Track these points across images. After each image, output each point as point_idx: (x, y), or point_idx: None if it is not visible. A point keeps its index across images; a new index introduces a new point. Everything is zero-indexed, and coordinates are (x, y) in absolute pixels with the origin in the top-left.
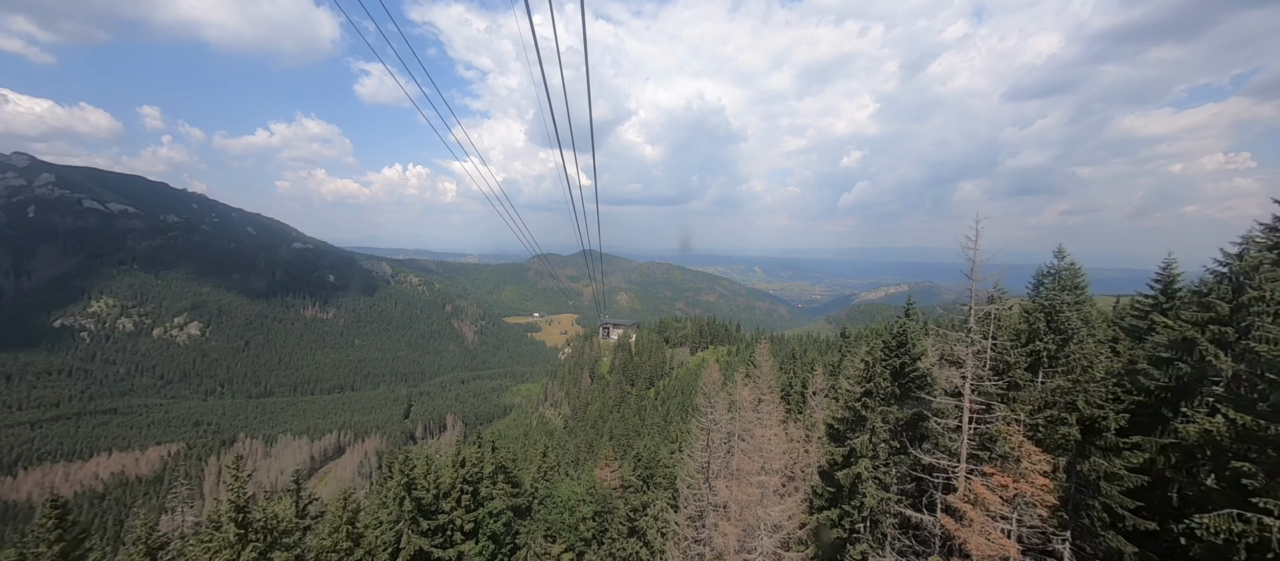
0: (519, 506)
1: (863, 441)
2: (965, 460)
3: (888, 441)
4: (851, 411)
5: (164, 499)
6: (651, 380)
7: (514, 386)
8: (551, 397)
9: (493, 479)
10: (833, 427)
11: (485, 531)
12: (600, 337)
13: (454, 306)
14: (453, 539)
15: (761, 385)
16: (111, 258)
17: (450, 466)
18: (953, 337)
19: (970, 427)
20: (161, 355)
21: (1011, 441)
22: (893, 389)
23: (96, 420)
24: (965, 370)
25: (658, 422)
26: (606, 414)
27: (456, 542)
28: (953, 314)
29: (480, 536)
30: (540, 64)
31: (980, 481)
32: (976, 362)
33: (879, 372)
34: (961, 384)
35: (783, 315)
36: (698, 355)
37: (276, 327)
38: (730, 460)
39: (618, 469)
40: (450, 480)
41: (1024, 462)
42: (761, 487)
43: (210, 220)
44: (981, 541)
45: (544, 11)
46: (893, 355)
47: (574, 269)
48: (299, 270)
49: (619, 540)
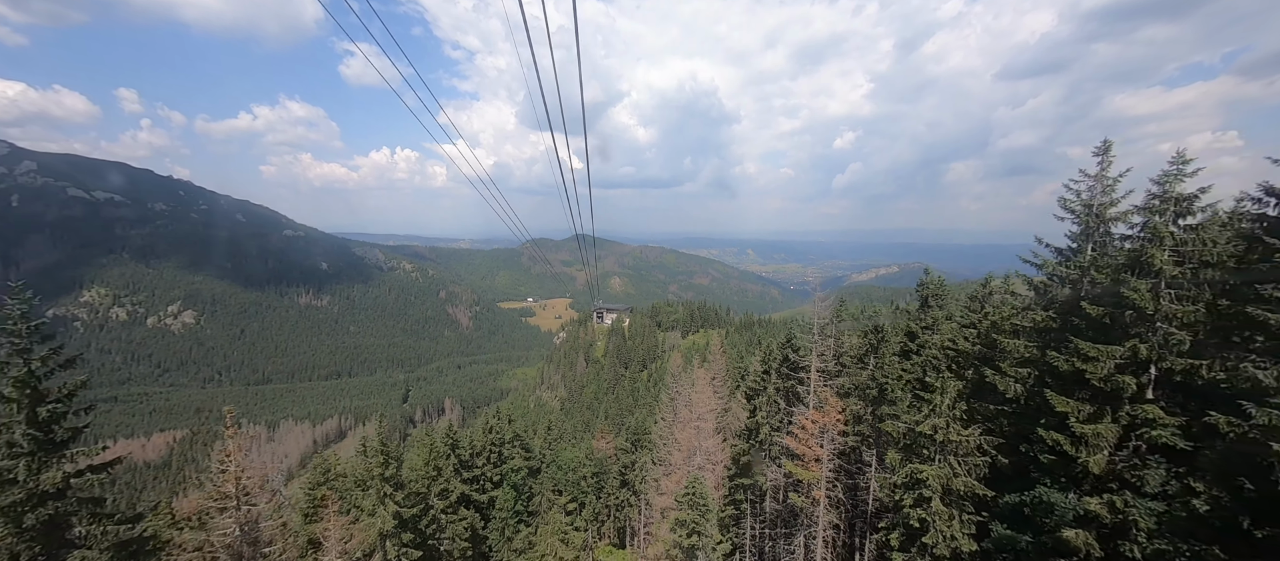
0: (532, 466)
1: (761, 401)
2: (812, 409)
3: (775, 400)
4: (758, 382)
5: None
6: (644, 363)
7: (510, 370)
8: (548, 381)
9: (511, 443)
10: (748, 391)
11: (509, 482)
12: (594, 322)
13: (448, 292)
14: (485, 487)
15: (714, 367)
16: (101, 246)
17: (481, 431)
18: (802, 338)
19: (813, 392)
20: (157, 344)
21: (823, 395)
22: (782, 368)
23: (99, 409)
24: (810, 359)
25: (649, 402)
26: (601, 395)
27: (488, 490)
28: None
29: (505, 486)
30: (530, 44)
31: (804, 418)
32: (820, 354)
33: (776, 359)
34: (809, 365)
35: (775, 297)
36: (689, 338)
37: (271, 315)
38: (680, 414)
39: (613, 440)
40: (481, 442)
41: (827, 407)
42: (697, 429)
43: (198, 207)
44: (803, 447)
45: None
46: (785, 348)
47: (567, 253)
48: (291, 258)
49: (614, 491)
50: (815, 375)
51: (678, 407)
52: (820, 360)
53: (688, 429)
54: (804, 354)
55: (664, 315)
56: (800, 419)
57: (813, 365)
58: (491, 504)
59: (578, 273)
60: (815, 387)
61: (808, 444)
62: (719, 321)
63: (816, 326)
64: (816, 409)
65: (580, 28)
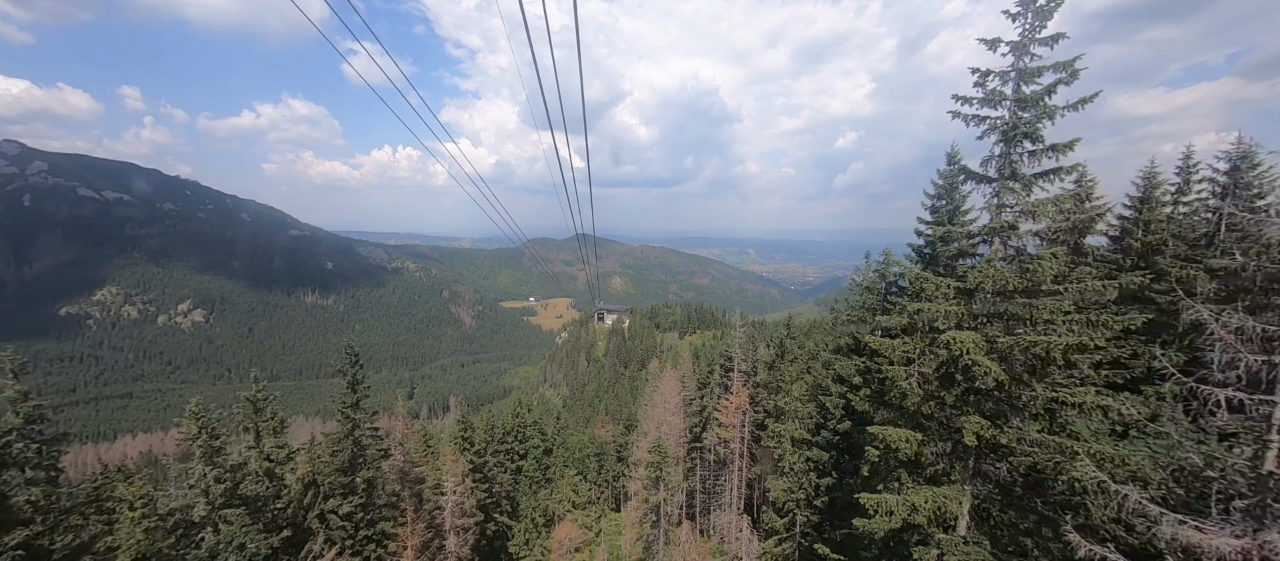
0: (546, 446)
1: (708, 391)
2: (733, 395)
3: (716, 390)
4: (706, 378)
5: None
6: (643, 362)
7: (512, 369)
8: (550, 379)
9: (530, 428)
10: (700, 383)
11: (531, 457)
12: (595, 323)
13: (451, 292)
14: (513, 459)
15: (682, 368)
16: (111, 246)
17: (510, 415)
18: (728, 339)
19: (738, 383)
20: (168, 341)
21: (736, 386)
22: (722, 365)
23: (114, 404)
24: (734, 361)
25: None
26: (602, 393)
27: (516, 461)
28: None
29: (528, 458)
30: (530, 44)
31: (727, 400)
32: (739, 360)
33: (721, 361)
34: (733, 365)
35: (774, 297)
36: (685, 339)
37: (278, 314)
38: (654, 401)
39: (612, 428)
40: (510, 424)
41: (735, 391)
42: (665, 409)
43: (205, 207)
44: (727, 420)
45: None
46: (725, 354)
47: (568, 253)
48: (297, 257)
49: (611, 467)
50: (737, 373)
51: (654, 396)
52: (740, 364)
53: (658, 410)
54: (732, 360)
55: (662, 316)
56: (725, 401)
57: (736, 366)
58: (520, 471)
59: (578, 272)
60: (736, 382)
61: (730, 417)
62: (715, 322)
63: (737, 343)
64: (735, 395)
65: (582, 26)
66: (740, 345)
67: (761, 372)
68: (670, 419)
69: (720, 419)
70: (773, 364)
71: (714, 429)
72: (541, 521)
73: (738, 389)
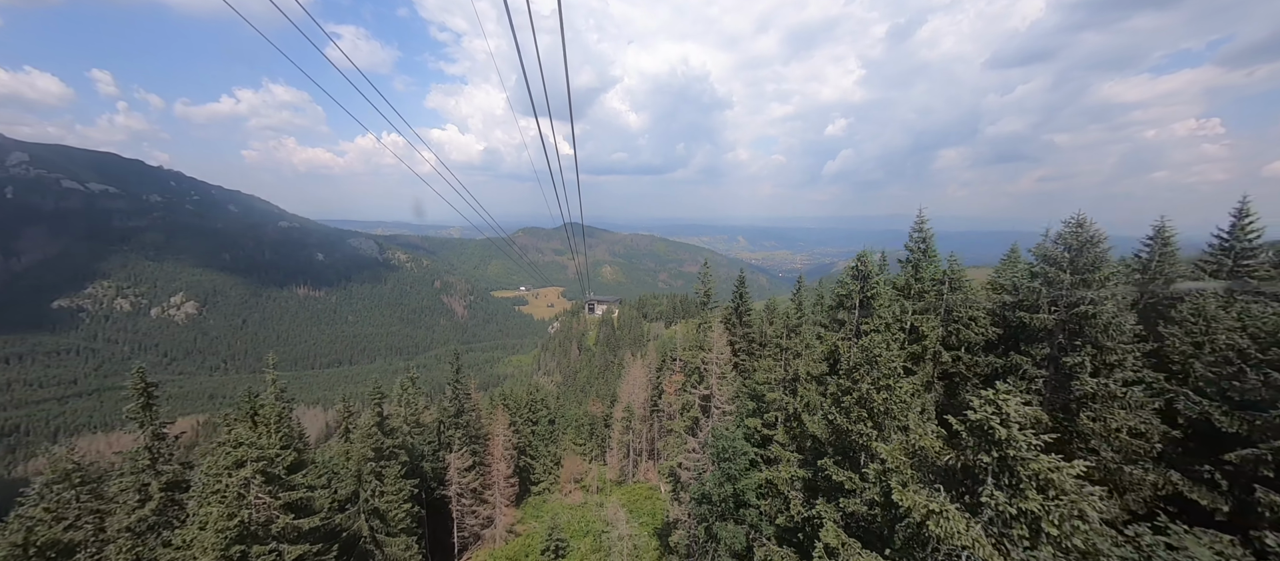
0: (551, 418)
1: (661, 373)
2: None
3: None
4: (660, 364)
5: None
6: (632, 350)
7: (505, 357)
8: (544, 367)
9: (539, 404)
10: (657, 368)
11: (541, 422)
12: (585, 313)
13: (443, 282)
14: (530, 423)
15: (649, 358)
16: (99, 238)
17: (525, 393)
18: (696, 339)
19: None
20: (162, 334)
21: (728, 373)
22: (700, 352)
23: (115, 395)
24: (711, 353)
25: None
26: (593, 379)
27: (531, 426)
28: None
29: (540, 424)
30: (512, 30)
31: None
32: (718, 347)
33: (668, 354)
34: (708, 355)
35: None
36: (671, 328)
37: (271, 306)
38: (625, 380)
39: (602, 406)
40: (526, 398)
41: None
42: (634, 385)
43: (191, 199)
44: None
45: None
46: (670, 352)
47: (558, 242)
48: (287, 249)
49: (599, 431)
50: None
51: (627, 377)
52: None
53: (629, 386)
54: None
55: (650, 306)
56: (669, 380)
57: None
58: (535, 430)
59: (569, 261)
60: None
61: (671, 390)
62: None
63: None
64: (676, 373)
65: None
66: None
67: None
68: (638, 393)
69: (666, 390)
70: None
71: (677, 400)
72: (552, 463)
73: (677, 370)
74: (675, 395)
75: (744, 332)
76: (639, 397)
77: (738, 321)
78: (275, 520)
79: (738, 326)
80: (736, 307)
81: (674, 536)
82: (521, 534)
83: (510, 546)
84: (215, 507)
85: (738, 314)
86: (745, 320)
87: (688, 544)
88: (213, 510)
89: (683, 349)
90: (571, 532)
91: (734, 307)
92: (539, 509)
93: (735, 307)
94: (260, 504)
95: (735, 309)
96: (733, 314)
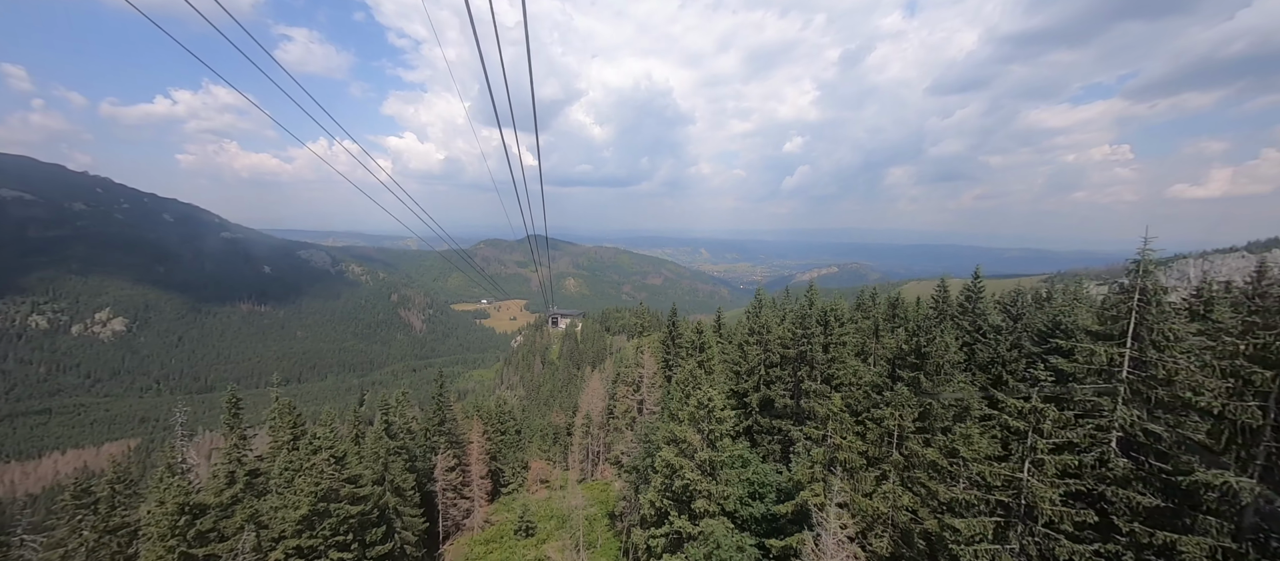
0: (519, 428)
1: (615, 385)
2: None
3: (632, 393)
4: (617, 376)
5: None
6: (594, 364)
7: (466, 372)
8: (507, 381)
9: (506, 416)
10: (613, 381)
11: (509, 432)
12: (549, 327)
13: (400, 295)
14: (500, 434)
15: (606, 370)
16: (12, 249)
17: (496, 405)
18: (634, 358)
19: (646, 381)
20: (84, 353)
21: (657, 383)
22: (637, 368)
23: (32, 420)
24: (643, 370)
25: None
26: (557, 393)
27: (501, 435)
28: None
29: (507, 433)
30: (476, 41)
31: (649, 389)
32: (649, 365)
33: (621, 370)
34: (640, 370)
35: (725, 296)
36: (633, 341)
37: (211, 321)
38: (584, 390)
39: (564, 417)
40: (495, 412)
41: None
42: (593, 396)
43: (120, 207)
44: (620, 402)
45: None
46: (622, 367)
47: (521, 254)
48: (231, 261)
49: (562, 439)
50: (645, 375)
51: (586, 390)
52: (630, 373)
53: (588, 398)
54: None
55: (613, 320)
56: (620, 391)
57: (645, 374)
58: (504, 443)
59: (532, 274)
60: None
61: (624, 401)
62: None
63: (646, 347)
64: (626, 386)
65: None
66: (644, 352)
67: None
68: (596, 403)
69: (621, 403)
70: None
71: (624, 405)
72: (520, 467)
73: (628, 384)
74: (621, 401)
75: (675, 349)
76: (597, 407)
77: (671, 342)
78: (341, 489)
79: (671, 346)
80: (670, 333)
81: (618, 506)
82: (496, 522)
83: (487, 532)
84: (305, 479)
85: (671, 337)
86: (677, 341)
87: (623, 504)
88: (303, 481)
89: (627, 366)
90: (539, 517)
91: (669, 331)
92: (510, 504)
93: (669, 332)
94: (330, 476)
95: (670, 332)
96: (668, 336)
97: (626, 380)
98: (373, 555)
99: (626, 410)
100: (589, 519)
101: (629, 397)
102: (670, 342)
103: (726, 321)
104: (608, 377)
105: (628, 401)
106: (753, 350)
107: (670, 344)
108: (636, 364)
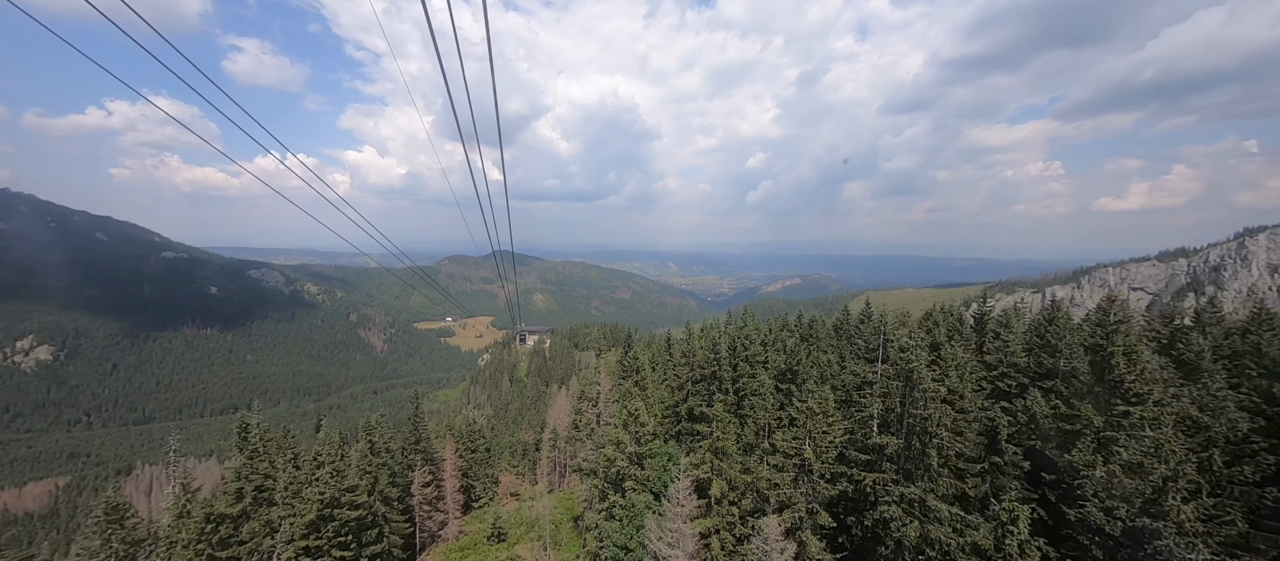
0: (488, 446)
1: (585, 404)
2: (603, 404)
3: (592, 407)
4: (582, 392)
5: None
6: (563, 380)
7: (431, 393)
8: (474, 400)
9: (477, 435)
10: (578, 397)
11: (479, 450)
12: (517, 344)
13: (359, 314)
14: (471, 452)
15: (572, 387)
16: None
17: (465, 425)
18: (591, 373)
19: (603, 397)
20: (3, 385)
21: (612, 398)
22: (595, 385)
23: None
24: (600, 387)
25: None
26: (525, 410)
27: (471, 452)
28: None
29: (478, 452)
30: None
31: (605, 404)
32: (605, 383)
33: (585, 386)
34: (598, 387)
35: (692, 309)
36: (601, 356)
37: (150, 347)
38: (552, 405)
39: (533, 433)
40: (466, 431)
41: (604, 399)
42: (560, 411)
43: (47, 226)
44: (583, 415)
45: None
46: (587, 382)
47: (488, 270)
48: (173, 283)
49: (531, 454)
50: (602, 389)
51: (553, 406)
52: (591, 389)
53: (555, 413)
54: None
55: (581, 336)
56: (583, 406)
57: (601, 389)
58: (474, 460)
59: (499, 290)
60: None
61: (587, 415)
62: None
63: (602, 366)
64: (590, 403)
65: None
66: (600, 369)
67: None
68: (563, 418)
69: (582, 416)
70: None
71: (585, 418)
72: (490, 482)
73: (588, 400)
74: (583, 415)
75: (633, 368)
76: (564, 422)
77: (628, 361)
78: (341, 497)
79: (626, 364)
80: (625, 352)
81: (580, 509)
82: (469, 533)
83: (462, 540)
84: (311, 489)
85: (626, 356)
86: (630, 353)
87: (583, 506)
88: (310, 491)
89: (587, 383)
90: (510, 524)
91: (624, 351)
92: (482, 516)
93: (625, 351)
94: (333, 486)
95: (625, 352)
96: (624, 355)
97: (587, 396)
98: (368, 554)
99: (587, 422)
100: (556, 522)
101: (588, 411)
102: (626, 361)
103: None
104: (573, 394)
105: (588, 415)
106: (681, 369)
107: (628, 361)
108: (594, 382)
